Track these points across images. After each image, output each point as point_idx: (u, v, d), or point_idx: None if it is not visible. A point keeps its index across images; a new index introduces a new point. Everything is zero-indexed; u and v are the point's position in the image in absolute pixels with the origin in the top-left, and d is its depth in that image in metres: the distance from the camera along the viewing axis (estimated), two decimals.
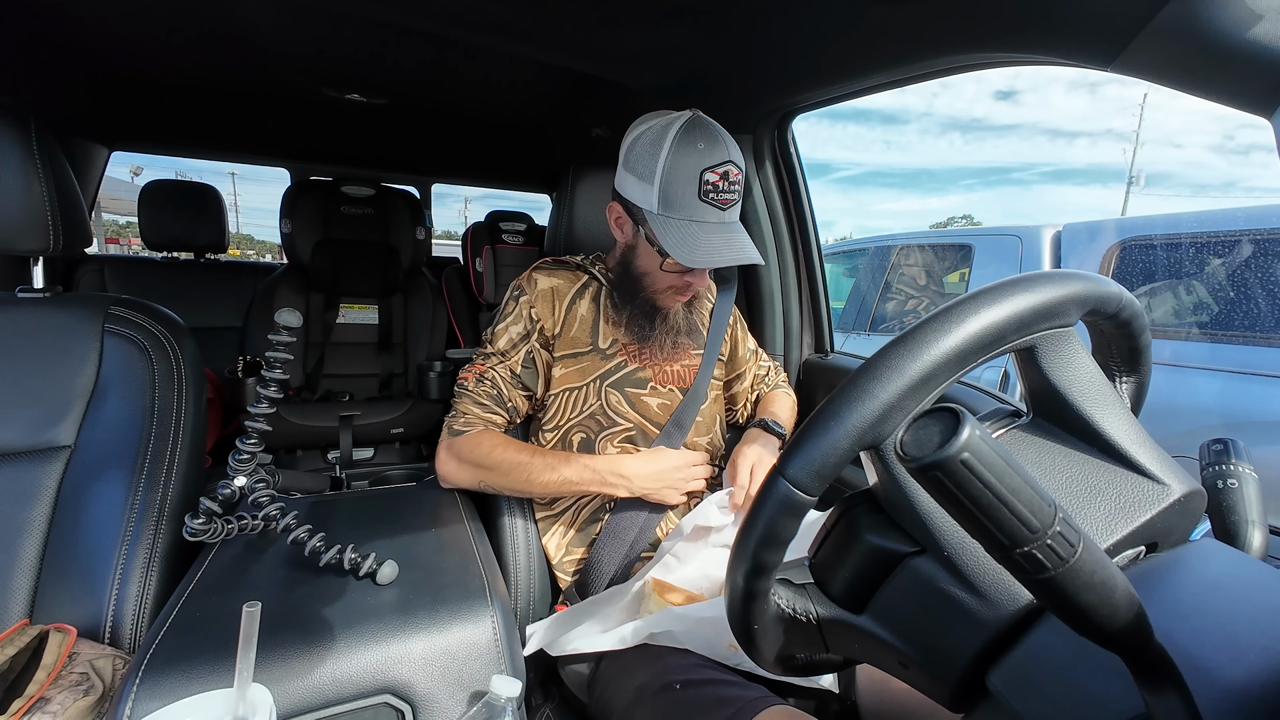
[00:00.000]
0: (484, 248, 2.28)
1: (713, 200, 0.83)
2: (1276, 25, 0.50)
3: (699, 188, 0.82)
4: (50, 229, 0.83)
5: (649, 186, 0.84)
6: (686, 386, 1.01)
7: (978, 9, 0.74)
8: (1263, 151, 2.37)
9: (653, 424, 0.97)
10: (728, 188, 0.84)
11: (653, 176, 0.84)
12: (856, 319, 3.55)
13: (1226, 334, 2.06)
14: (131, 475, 0.82)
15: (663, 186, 0.83)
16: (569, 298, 0.98)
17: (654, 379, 0.99)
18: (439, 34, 1.14)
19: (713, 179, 0.83)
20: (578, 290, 0.99)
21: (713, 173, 0.82)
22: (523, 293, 0.97)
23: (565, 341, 0.96)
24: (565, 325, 0.96)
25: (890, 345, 0.36)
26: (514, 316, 0.96)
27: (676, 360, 1.01)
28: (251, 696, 0.50)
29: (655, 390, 0.98)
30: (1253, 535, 0.45)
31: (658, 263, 0.90)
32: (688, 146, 0.83)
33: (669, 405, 0.99)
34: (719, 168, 0.83)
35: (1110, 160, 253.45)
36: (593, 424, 0.96)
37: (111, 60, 1.41)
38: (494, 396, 0.94)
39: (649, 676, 0.73)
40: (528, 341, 0.95)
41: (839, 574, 0.42)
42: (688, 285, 0.92)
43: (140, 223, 2.12)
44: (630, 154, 0.88)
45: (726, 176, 0.83)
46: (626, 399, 0.96)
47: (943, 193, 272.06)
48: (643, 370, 0.98)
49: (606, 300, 0.99)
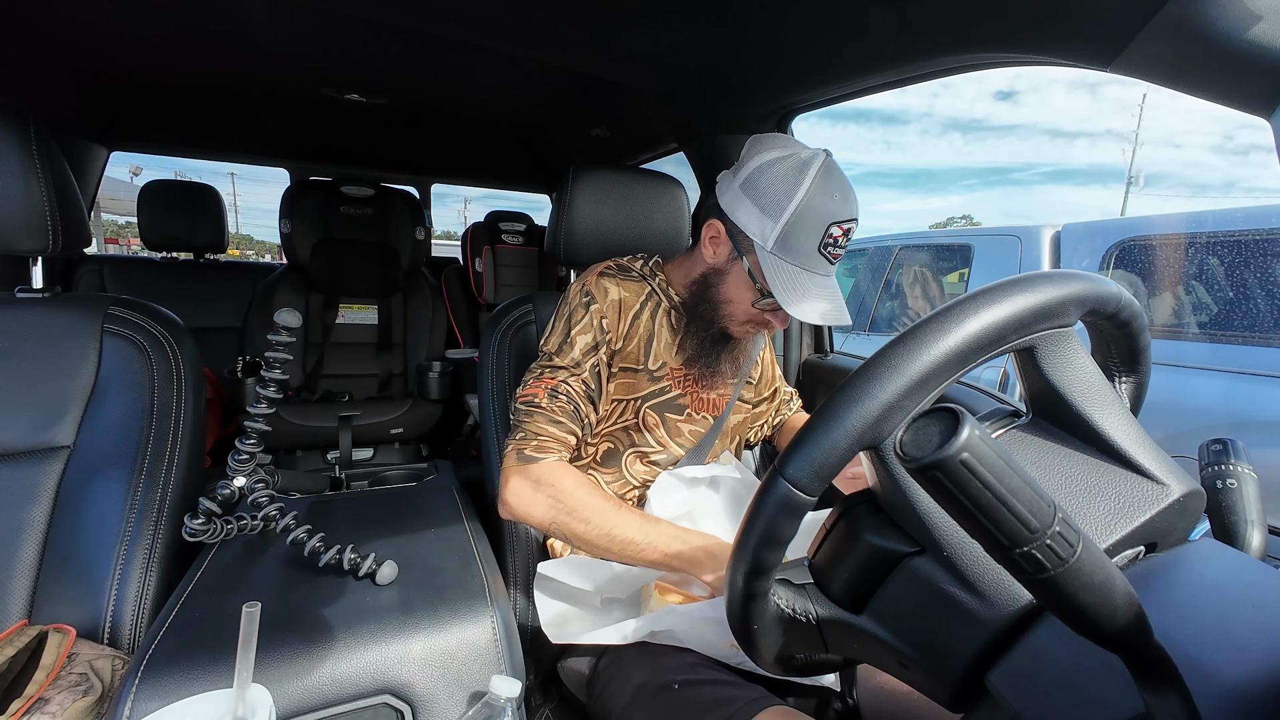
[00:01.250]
0: (484, 248, 2.29)
1: (828, 254, 0.81)
2: (1275, 25, 0.50)
3: (822, 239, 0.80)
4: (49, 229, 0.82)
5: (770, 221, 0.80)
6: (719, 414, 0.99)
7: (976, 10, 0.74)
8: (1262, 152, 2.35)
9: (680, 447, 0.96)
10: (845, 243, 0.82)
11: (779, 213, 0.79)
12: (856, 319, 3.55)
13: (1225, 334, 2.06)
14: (131, 475, 0.82)
15: (787, 228, 0.79)
16: (634, 311, 0.92)
17: (691, 405, 0.96)
18: (438, 34, 1.14)
19: (836, 234, 0.80)
20: (641, 304, 0.93)
21: (839, 227, 0.80)
22: (593, 300, 0.89)
23: (623, 356, 0.91)
24: (626, 340, 0.91)
25: (889, 345, 0.36)
26: (584, 325, 0.88)
27: (714, 389, 0.99)
28: (251, 697, 0.50)
29: (690, 417, 0.97)
30: (1252, 535, 0.45)
31: (750, 298, 0.86)
32: (824, 195, 0.79)
33: (699, 432, 0.98)
34: (845, 224, 0.80)
35: (1110, 160, 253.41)
36: (624, 437, 0.93)
37: (110, 60, 1.41)
38: (570, 413, 0.86)
39: (648, 676, 0.73)
40: (596, 353, 0.88)
41: (839, 574, 0.42)
42: (767, 323, 0.89)
43: (139, 223, 2.12)
44: (756, 180, 0.82)
45: (849, 234, 0.82)
46: (664, 423, 0.94)
47: (943, 193, 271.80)
48: (683, 397, 0.95)
49: (664, 319, 0.94)
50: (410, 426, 2.08)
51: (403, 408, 2.06)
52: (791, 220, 0.79)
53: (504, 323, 1.05)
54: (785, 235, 0.80)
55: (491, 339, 1.04)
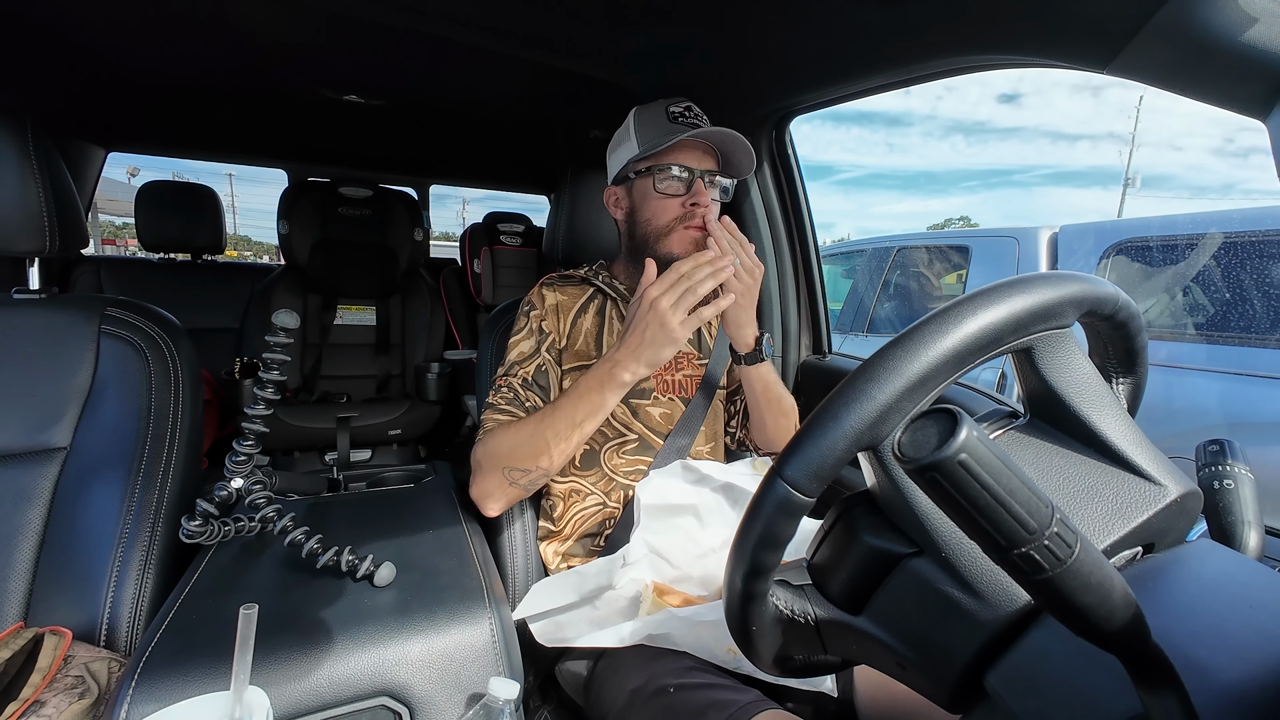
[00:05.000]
0: (482, 249, 2.28)
1: (683, 122, 0.90)
2: (1272, 28, 0.51)
3: (665, 118, 0.91)
4: (46, 230, 0.82)
5: (628, 145, 0.93)
6: (688, 397, 1.00)
7: (974, 11, 0.74)
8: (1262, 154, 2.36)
9: (656, 434, 0.97)
10: (696, 115, 0.92)
11: (628, 137, 0.93)
12: (854, 320, 3.55)
13: (1222, 335, 2.06)
14: (128, 477, 0.82)
15: (637, 136, 0.92)
16: (574, 312, 0.99)
17: (656, 389, 0.98)
18: (437, 35, 1.14)
19: (676, 110, 0.92)
20: (582, 304, 0.99)
21: (675, 106, 0.92)
22: (533, 307, 0.97)
23: (572, 354, 0.96)
24: (571, 338, 0.97)
25: (888, 346, 0.36)
26: (526, 331, 0.96)
27: (678, 370, 1.01)
28: (248, 699, 0.50)
29: (657, 400, 0.98)
30: (1249, 536, 0.45)
31: (654, 195, 0.91)
32: (649, 105, 0.94)
33: (671, 415, 0.98)
34: (680, 103, 0.93)
35: (1110, 163, 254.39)
36: (598, 435, 0.95)
37: (108, 61, 1.41)
38: (510, 399, 0.91)
39: (643, 679, 0.73)
40: (539, 355, 0.94)
41: (837, 575, 0.42)
42: (694, 210, 0.90)
43: (137, 224, 2.12)
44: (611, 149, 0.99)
45: (691, 109, 0.92)
46: (630, 408, 0.96)
47: (944, 195, 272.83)
48: (646, 380, 0.97)
49: (612, 311, 0.99)
50: (408, 428, 2.08)
51: (401, 409, 2.06)
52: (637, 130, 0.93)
53: (502, 324, 1.05)
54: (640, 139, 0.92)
55: (490, 340, 1.04)
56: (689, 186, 0.90)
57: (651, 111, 0.93)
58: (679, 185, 0.91)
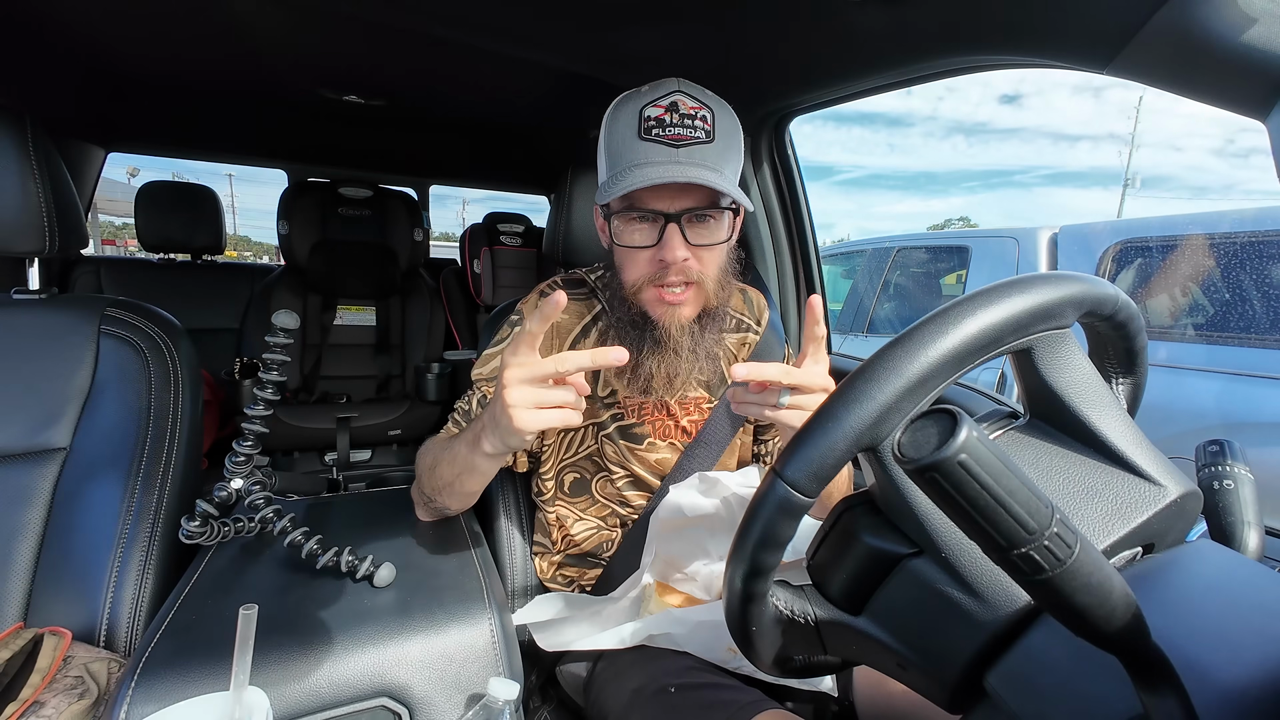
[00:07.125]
0: (482, 249, 2.28)
1: (658, 137, 0.68)
2: (1271, 28, 0.51)
3: (639, 127, 0.69)
4: (46, 230, 0.82)
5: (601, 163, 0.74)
6: (690, 440, 0.86)
7: (973, 13, 0.74)
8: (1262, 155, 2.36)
9: (653, 475, 0.86)
10: (678, 121, 0.68)
11: (601, 152, 0.73)
12: (854, 321, 3.55)
13: (1222, 335, 2.06)
14: (127, 478, 0.82)
15: (606, 150, 0.72)
16: (574, 334, 0.84)
17: (654, 434, 0.85)
18: (437, 36, 1.14)
19: (655, 113, 0.68)
20: (584, 327, 0.84)
21: (655, 106, 0.68)
22: (522, 318, 0.85)
23: None
24: None
25: (887, 347, 0.36)
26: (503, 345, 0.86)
27: (685, 415, 0.85)
28: (248, 700, 0.50)
29: (653, 446, 0.85)
30: (1248, 536, 0.46)
31: (621, 251, 0.73)
32: (628, 98, 0.72)
33: (669, 460, 0.86)
34: (662, 100, 0.69)
35: (1111, 163, 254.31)
36: (589, 465, 0.87)
37: (108, 61, 1.41)
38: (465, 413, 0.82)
39: (644, 680, 0.73)
40: None
41: (837, 575, 0.42)
42: (662, 268, 0.71)
43: (137, 224, 2.12)
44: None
45: (675, 108, 0.68)
46: (622, 451, 0.85)
47: (944, 195, 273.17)
48: (640, 426, 0.85)
49: (614, 341, 0.81)
50: (408, 428, 2.08)
51: (401, 409, 2.06)
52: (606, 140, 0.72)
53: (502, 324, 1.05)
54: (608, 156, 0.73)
55: (489, 341, 1.04)
56: (661, 233, 0.70)
57: (626, 114, 0.71)
58: (648, 233, 0.72)
